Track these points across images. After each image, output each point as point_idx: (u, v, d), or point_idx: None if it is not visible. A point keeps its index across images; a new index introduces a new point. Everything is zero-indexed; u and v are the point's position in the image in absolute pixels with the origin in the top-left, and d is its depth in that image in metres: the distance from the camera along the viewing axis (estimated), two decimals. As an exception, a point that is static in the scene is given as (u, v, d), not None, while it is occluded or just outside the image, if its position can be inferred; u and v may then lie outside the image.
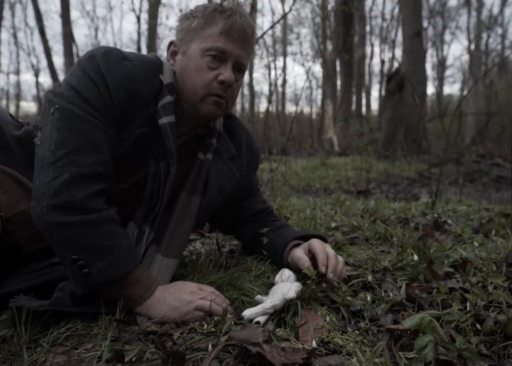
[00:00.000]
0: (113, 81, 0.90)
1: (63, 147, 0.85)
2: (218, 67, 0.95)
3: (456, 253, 1.17)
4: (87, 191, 0.86)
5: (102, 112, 0.89)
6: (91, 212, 0.86)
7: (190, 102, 0.98)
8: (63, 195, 0.83)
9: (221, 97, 0.96)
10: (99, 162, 0.88)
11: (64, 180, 0.84)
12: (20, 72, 19.30)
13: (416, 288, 0.91)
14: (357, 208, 2.05)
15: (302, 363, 0.68)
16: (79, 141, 0.86)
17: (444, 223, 1.72)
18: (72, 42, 14.22)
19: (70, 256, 0.85)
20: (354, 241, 1.43)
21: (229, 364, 0.69)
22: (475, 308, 0.82)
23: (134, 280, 0.89)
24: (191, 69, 0.96)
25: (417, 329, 0.70)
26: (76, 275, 0.86)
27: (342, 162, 6.67)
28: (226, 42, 0.95)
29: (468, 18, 18.79)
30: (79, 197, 0.84)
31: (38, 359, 0.74)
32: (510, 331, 0.75)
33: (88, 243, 0.85)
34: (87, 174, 0.86)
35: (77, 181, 0.85)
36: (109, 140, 0.91)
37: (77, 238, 0.84)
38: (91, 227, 0.85)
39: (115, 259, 0.86)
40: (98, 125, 0.88)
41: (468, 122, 13.79)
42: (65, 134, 0.86)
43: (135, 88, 0.92)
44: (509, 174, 5.58)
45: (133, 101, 0.92)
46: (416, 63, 7.08)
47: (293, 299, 0.86)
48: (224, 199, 1.10)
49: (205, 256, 1.27)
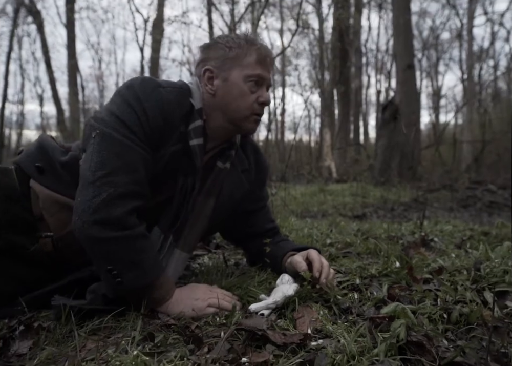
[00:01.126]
0: (151, 106, 1.03)
1: (102, 168, 0.97)
2: (257, 91, 1.13)
3: (436, 263, 1.33)
4: (123, 210, 0.97)
5: (140, 135, 1.02)
6: (126, 229, 0.98)
7: (232, 121, 1.14)
8: (102, 212, 0.95)
9: (260, 116, 1.15)
10: (134, 182, 1.00)
11: (102, 199, 0.95)
12: (24, 102, 19.67)
13: (396, 289, 1.07)
14: (351, 228, 2.21)
15: (299, 343, 0.83)
16: (116, 163, 0.98)
17: (430, 241, 1.88)
18: (77, 73, 14.66)
19: (106, 266, 0.97)
20: (347, 255, 1.59)
21: (238, 346, 0.84)
22: (445, 303, 0.97)
23: (158, 286, 1.02)
24: (234, 93, 1.11)
25: (393, 316, 0.85)
26: (109, 282, 0.99)
27: (340, 188, 6.84)
28: (262, 69, 1.13)
29: (460, 50, 19.43)
30: (115, 214, 0.96)
31: (78, 345, 0.89)
32: (472, 320, 0.90)
33: (121, 256, 0.98)
34: (123, 193, 0.97)
35: (114, 200, 0.96)
36: (145, 161, 1.03)
37: (112, 252, 0.97)
38: (125, 242, 0.98)
39: (144, 270, 0.99)
40: (134, 148, 1.01)
41: (464, 150, 14.08)
42: (104, 156, 0.98)
43: (170, 112, 1.06)
44: (501, 199, 5.75)
45: (168, 123, 1.06)
46: (409, 93, 7.39)
47: (292, 296, 1.01)
48: (234, 206, 1.24)
49: (213, 267, 1.42)
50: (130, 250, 0.99)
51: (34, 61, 17.78)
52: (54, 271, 1.13)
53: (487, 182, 7.30)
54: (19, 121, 22.29)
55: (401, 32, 7.40)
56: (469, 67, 16.16)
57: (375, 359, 0.75)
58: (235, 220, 1.33)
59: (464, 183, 6.19)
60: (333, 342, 0.84)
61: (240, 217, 1.33)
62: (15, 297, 1.06)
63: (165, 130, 1.06)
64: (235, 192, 1.23)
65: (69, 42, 13.61)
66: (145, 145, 1.03)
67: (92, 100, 22.70)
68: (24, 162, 1.14)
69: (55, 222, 1.10)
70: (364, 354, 0.77)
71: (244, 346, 0.84)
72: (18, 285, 1.08)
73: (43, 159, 1.14)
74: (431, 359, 0.78)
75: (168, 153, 1.08)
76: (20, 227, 1.08)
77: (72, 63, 13.63)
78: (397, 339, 0.79)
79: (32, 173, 1.13)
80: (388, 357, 0.76)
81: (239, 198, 1.25)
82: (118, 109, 1.02)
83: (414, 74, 7.65)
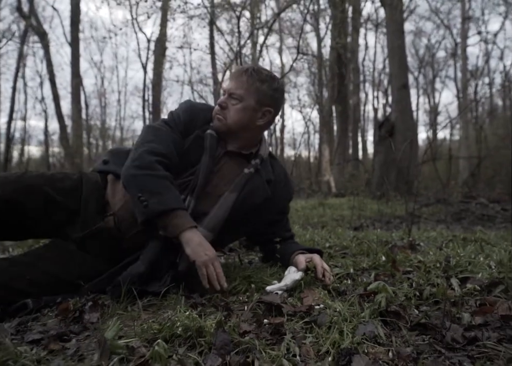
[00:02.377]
0: (182, 110, 1.52)
1: (143, 140, 1.43)
2: None
3: (416, 259, 1.60)
4: (153, 159, 1.36)
5: (172, 125, 1.48)
6: (154, 170, 1.35)
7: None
8: (137, 160, 1.36)
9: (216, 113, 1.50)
10: (162, 148, 1.40)
11: (139, 152, 1.37)
12: (26, 118, 19.98)
13: (381, 275, 1.33)
14: (348, 235, 2.48)
15: (306, 311, 1.09)
16: (151, 137, 1.43)
17: (417, 245, 2.15)
18: (81, 91, 15.01)
19: (137, 194, 1.31)
20: (343, 255, 1.86)
21: (259, 314, 1.10)
22: (419, 286, 1.24)
23: (178, 215, 1.31)
24: None
25: (376, 291, 1.12)
26: (139, 206, 1.30)
27: (338, 202, 7.12)
28: (226, 84, 1.53)
29: (454, 68, 19.94)
30: (146, 160, 1.35)
31: (134, 316, 1.15)
32: (438, 296, 1.17)
33: (149, 187, 1.32)
34: (152, 151, 1.38)
35: (147, 153, 1.37)
36: (173, 138, 1.45)
37: (143, 183, 1.32)
38: (153, 178, 1.34)
39: (165, 199, 1.31)
40: (166, 130, 1.46)
41: (461, 165, 14.41)
42: (145, 135, 1.46)
43: (195, 114, 1.52)
44: (493, 212, 6.03)
45: (193, 120, 1.50)
46: (404, 111, 7.74)
47: (298, 281, 1.28)
48: (253, 207, 1.50)
49: (230, 265, 1.69)
50: (157, 183, 1.33)
51: (39, 78, 18.21)
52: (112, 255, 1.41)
53: (479, 196, 7.59)
54: (22, 136, 22.67)
55: (396, 54, 7.80)
56: (463, 85, 16.61)
57: (362, 320, 1.02)
58: (260, 227, 1.61)
59: (457, 197, 6.46)
60: (331, 309, 1.10)
61: (265, 224, 1.61)
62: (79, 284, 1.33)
63: (190, 125, 1.50)
64: (255, 195, 1.50)
65: (74, 61, 13.96)
66: (175, 130, 1.48)
67: (95, 116, 23.07)
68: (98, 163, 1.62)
69: (115, 201, 1.46)
70: (354, 317, 1.03)
71: (263, 315, 1.11)
72: (84, 274, 1.35)
73: (109, 155, 1.58)
74: (405, 322, 1.05)
75: (191, 139, 1.48)
76: (99, 210, 1.46)
77: (77, 82, 13.98)
78: (379, 306, 1.06)
79: (100, 165, 1.57)
80: (372, 319, 1.03)
81: (260, 203, 1.51)
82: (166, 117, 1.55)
83: (409, 93, 8.02)
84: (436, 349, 0.92)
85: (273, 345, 0.93)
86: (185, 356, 0.86)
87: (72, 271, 1.36)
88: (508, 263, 1.33)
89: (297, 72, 18.08)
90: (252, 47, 11.88)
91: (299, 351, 0.89)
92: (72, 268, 1.37)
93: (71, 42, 14.31)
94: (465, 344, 0.93)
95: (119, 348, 0.87)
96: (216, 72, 12.78)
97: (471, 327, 1.00)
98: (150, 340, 0.94)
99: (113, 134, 25.34)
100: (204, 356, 0.87)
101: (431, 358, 0.88)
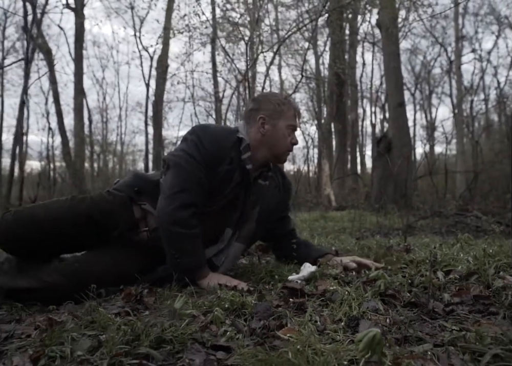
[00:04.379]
0: (207, 140, 1.60)
1: (174, 187, 1.56)
2: (291, 135, 1.75)
3: (409, 257, 1.90)
4: (186, 215, 1.55)
5: (199, 160, 1.58)
6: (187, 228, 1.56)
7: (274, 154, 1.74)
8: (173, 215, 1.55)
9: (291, 151, 1.75)
10: (193, 196, 1.57)
11: (173, 207, 1.55)
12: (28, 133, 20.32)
13: (380, 269, 1.63)
14: (351, 241, 2.78)
15: (321, 293, 1.39)
16: (182, 185, 1.56)
17: (412, 249, 2.45)
18: (84, 108, 15.30)
19: (171, 250, 1.57)
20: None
21: (284, 297, 1.40)
22: (410, 276, 1.54)
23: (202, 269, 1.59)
24: (279, 136, 1.72)
25: (376, 278, 1.42)
26: (172, 259, 1.58)
27: (339, 215, 7.41)
28: (295, 121, 1.76)
29: (450, 85, 20.45)
30: (180, 216, 1.54)
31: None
32: (426, 283, 1.47)
33: (181, 246, 1.56)
34: (185, 203, 1.55)
35: (181, 208, 1.54)
36: (201, 180, 1.59)
37: (176, 241, 1.56)
38: (185, 237, 1.57)
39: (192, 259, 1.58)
40: (195, 172, 1.58)
41: (458, 179, 14.74)
42: (175, 179, 1.58)
43: (220, 142, 1.62)
44: (486, 225, 6.31)
45: (220, 150, 1.62)
46: (401, 128, 8.11)
47: (314, 272, 1.58)
48: (272, 212, 1.80)
49: (250, 265, 1.98)
50: (188, 243, 1.57)
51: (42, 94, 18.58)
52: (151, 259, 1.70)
53: (474, 210, 7.89)
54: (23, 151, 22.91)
55: (392, 74, 8.22)
56: (458, 101, 17.08)
57: (366, 299, 1.31)
58: (268, 225, 1.89)
59: (451, 210, 6.76)
60: (342, 291, 1.40)
61: (275, 222, 1.91)
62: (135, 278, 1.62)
63: (218, 155, 1.62)
64: (271, 202, 1.80)
65: (78, 77, 14.28)
66: (202, 167, 1.59)
67: (96, 131, 23.39)
68: (123, 187, 1.75)
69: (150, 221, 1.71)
70: (360, 296, 1.33)
71: (287, 297, 1.40)
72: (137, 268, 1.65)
73: (139, 184, 1.74)
74: (399, 302, 1.34)
75: (223, 171, 1.62)
76: (129, 225, 1.69)
77: (80, 99, 14.29)
78: (379, 289, 1.36)
79: (132, 195, 1.72)
80: (374, 298, 1.32)
81: (275, 207, 1.81)
82: (186, 146, 1.63)
83: (405, 111, 8.39)
84: (423, 318, 1.21)
85: (299, 316, 1.22)
86: (235, 320, 1.16)
87: (125, 265, 1.65)
88: (481, 258, 1.63)
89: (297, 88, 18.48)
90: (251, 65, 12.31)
91: (319, 319, 1.18)
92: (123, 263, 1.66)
93: (75, 59, 14.66)
94: (444, 315, 1.23)
95: (185, 315, 1.16)
96: (218, 91, 13.17)
97: (450, 304, 1.30)
98: (205, 312, 1.24)
99: (115, 149, 25.70)
100: (249, 321, 1.17)
101: (418, 323, 1.17)
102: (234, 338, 1.04)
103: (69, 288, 1.49)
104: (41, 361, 0.92)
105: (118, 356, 0.90)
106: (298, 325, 1.12)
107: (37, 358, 0.94)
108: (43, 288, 1.51)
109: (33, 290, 1.51)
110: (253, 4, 9.65)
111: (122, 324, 1.06)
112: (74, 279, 1.54)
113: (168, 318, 1.15)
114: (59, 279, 1.53)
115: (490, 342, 0.94)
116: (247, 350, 0.92)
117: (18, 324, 1.22)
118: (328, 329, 1.09)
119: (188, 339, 1.01)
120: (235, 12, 10.41)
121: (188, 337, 1.02)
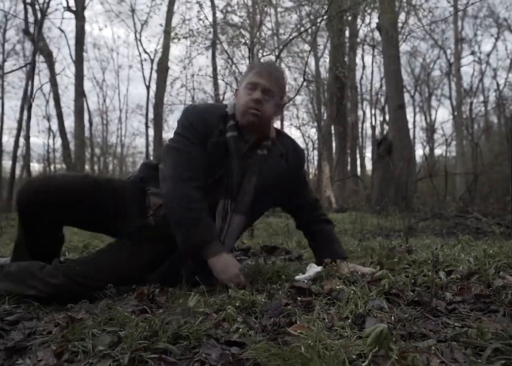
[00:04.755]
0: (193, 117, 1.67)
1: (171, 168, 1.63)
2: (250, 93, 1.67)
3: (411, 258, 1.95)
4: (188, 187, 1.59)
5: (190, 137, 1.63)
6: (193, 201, 1.59)
7: (239, 114, 1.68)
8: (176, 191, 1.59)
9: (254, 109, 1.64)
10: (192, 173, 1.61)
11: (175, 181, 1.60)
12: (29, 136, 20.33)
13: (384, 269, 1.68)
14: (353, 243, 2.83)
15: (327, 293, 1.44)
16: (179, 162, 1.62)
17: (414, 251, 2.50)
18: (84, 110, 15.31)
19: (180, 229, 1.59)
20: (350, 257, 2.20)
21: (292, 295, 1.44)
22: (413, 276, 1.59)
23: (212, 244, 1.60)
24: (240, 94, 1.72)
25: (381, 278, 1.47)
26: (179, 235, 1.61)
27: (340, 217, 7.46)
28: (257, 78, 1.67)
29: (449, 87, 20.54)
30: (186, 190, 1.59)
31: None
32: (428, 282, 1.52)
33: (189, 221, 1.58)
34: (186, 179, 1.60)
35: (183, 182, 1.59)
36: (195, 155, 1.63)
37: (182, 216, 1.58)
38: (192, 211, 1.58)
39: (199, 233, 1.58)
40: (186, 149, 1.63)
41: (458, 181, 14.80)
42: (171, 161, 1.64)
43: (206, 116, 1.67)
44: (486, 226, 6.37)
45: (207, 124, 1.66)
46: (400, 131, 8.17)
47: (319, 272, 1.62)
48: (275, 182, 1.76)
49: (256, 265, 2.03)
50: (195, 216, 1.59)
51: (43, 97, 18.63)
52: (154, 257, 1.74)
53: (474, 211, 7.94)
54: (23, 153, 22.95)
55: (392, 77, 8.29)
56: (458, 103, 17.15)
57: (371, 298, 1.36)
58: (287, 196, 1.91)
59: (452, 212, 6.81)
60: (347, 290, 1.45)
61: (290, 192, 1.91)
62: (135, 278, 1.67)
63: (206, 129, 1.66)
64: (272, 171, 1.75)
65: (78, 80, 14.30)
66: (192, 143, 1.64)
67: (96, 134, 23.45)
68: (132, 178, 1.88)
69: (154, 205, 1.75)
70: (364, 295, 1.38)
71: (295, 296, 1.45)
72: (138, 269, 1.69)
73: (145, 172, 1.83)
74: (403, 300, 1.39)
75: (214, 143, 1.65)
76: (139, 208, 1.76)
77: (81, 101, 14.31)
78: (383, 288, 1.41)
79: (138, 182, 1.83)
80: (378, 297, 1.37)
81: (277, 176, 1.77)
82: (177, 129, 1.71)
83: (405, 113, 8.46)
84: (426, 316, 1.26)
85: (307, 313, 1.27)
86: (247, 317, 1.21)
87: (133, 261, 1.69)
88: (482, 259, 1.68)
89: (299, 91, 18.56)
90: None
91: (327, 317, 1.23)
92: (132, 259, 1.70)
93: (76, 61, 14.71)
94: (447, 313, 1.28)
95: (198, 313, 1.21)
96: (219, 93, 13.22)
97: (452, 303, 1.35)
98: (217, 310, 1.29)
99: (115, 151, 25.77)
100: (259, 318, 1.22)
101: (422, 320, 1.22)
102: (246, 334, 1.09)
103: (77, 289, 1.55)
104: (64, 356, 0.98)
105: (138, 351, 0.95)
106: (307, 322, 1.17)
107: (60, 352, 0.99)
108: (51, 293, 1.54)
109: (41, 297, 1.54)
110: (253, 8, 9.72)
111: (140, 321, 1.11)
112: (80, 279, 1.58)
113: (182, 315, 1.20)
114: (63, 280, 1.56)
115: (491, 337, 0.99)
116: (260, 345, 0.97)
117: (38, 322, 1.27)
118: (336, 326, 1.13)
119: (203, 335, 1.06)
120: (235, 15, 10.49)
121: (203, 333, 1.07)
